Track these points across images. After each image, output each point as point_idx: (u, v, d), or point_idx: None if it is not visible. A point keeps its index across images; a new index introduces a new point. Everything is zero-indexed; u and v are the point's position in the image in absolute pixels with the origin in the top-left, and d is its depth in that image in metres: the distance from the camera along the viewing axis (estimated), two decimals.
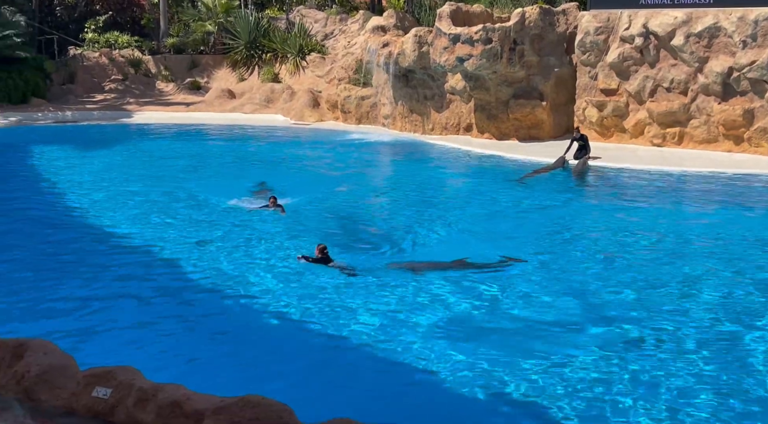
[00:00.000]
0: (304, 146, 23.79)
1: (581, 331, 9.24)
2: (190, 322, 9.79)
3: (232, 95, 31.50)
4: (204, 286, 10.99)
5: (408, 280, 10.97)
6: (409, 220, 14.82)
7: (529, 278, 11.13)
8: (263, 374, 8.13)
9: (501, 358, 8.36)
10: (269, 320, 9.78)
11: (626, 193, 16.97)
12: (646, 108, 21.16)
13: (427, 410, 7.50)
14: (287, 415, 4.46)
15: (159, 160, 21.80)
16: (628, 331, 9.13)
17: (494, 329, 9.29)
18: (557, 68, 22.50)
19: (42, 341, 5.42)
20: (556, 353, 8.52)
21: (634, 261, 11.96)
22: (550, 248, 12.67)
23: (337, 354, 8.81)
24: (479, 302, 10.21)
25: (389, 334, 9.18)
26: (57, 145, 24.01)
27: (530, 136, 22.72)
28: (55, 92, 33.20)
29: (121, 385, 4.81)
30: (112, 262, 12.17)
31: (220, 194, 16.43)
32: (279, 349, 8.93)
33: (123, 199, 16.70)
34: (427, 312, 9.85)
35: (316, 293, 10.57)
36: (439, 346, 8.76)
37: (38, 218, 15.26)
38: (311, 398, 7.34)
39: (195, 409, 4.55)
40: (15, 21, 31.94)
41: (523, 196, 16.60)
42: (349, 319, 9.66)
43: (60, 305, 10.29)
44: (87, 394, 4.84)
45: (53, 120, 29.40)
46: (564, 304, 10.07)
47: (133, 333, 9.30)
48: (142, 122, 28.59)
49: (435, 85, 24.31)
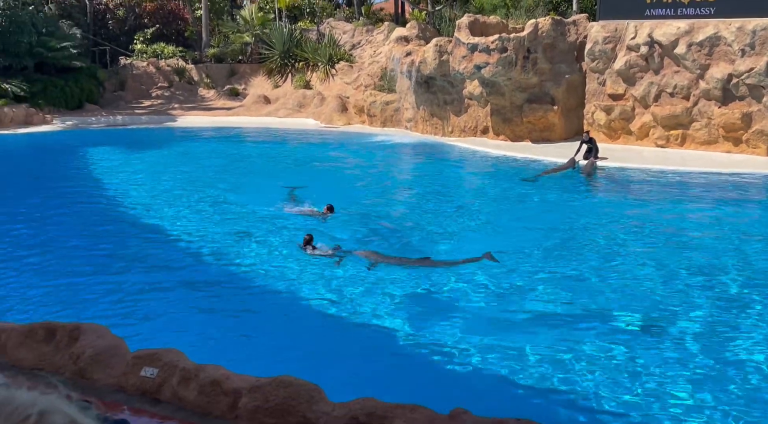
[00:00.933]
0: (333, 147, 23.82)
1: (598, 320, 9.17)
2: (230, 310, 9.85)
3: (267, 101, 31.64)
4: (243, 278, 11.04)
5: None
6: (431, 214, 14.77)
7: (538, 269, 11.07)
8: (296, 356, 8.16)
9: (509, 342, 8.33)
10: (302, 309, 9.81)
11: (632, 190, 16.82)
12: (650, 112, 20.93)
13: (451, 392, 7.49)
14: (317, 394, 4.48)
15: (201, 160, 21.95)
16: (636, 319, 9.05)
17: (503, 317, 9.25)
18: (568, 75, 22.32)
19: (95, 324, 5.50)
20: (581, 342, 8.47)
21: (636, 252, 11.86)
22: (559, 242, 12.58)
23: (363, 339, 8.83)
24: (482, 291, 10.18)
25: (415, 324, 9.18)
26: (108, 146, 24.28)
27: (542, 138, 22.58)
28: (107, 98, 33.58)
29: (166, 365, 4.87)
30: (159, 254, 12.27)
31: (259, 192, 16.49)
32: (310, 333, 8.97)
33: (168, 196, 16.84)
34: (465, 300, 9.84)
35: (350, 283, 10.58)
36: (459, 332, 8.74)
37: (91, 211, 15.44)
38: (339, 379, 7.36)
39: (233, 388, 4.60)
40: (72, 34, 32.40)
41: (536, 193, 16.52)
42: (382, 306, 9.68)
43: (106, 291, 10.39)
44: (135, 374, 4.90)
45: (105, 124, 29.72)
46: (573, 294, 10.01)
47: (177, 318, 9.39)
48: (186, 126, 28.79)
49: (454, 91, 24.23)
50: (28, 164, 22.25)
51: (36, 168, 21.32)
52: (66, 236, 13.39)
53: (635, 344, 8.33)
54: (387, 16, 37.01)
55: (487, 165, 20.53)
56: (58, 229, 13.94)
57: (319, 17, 35.18)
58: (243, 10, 36.14)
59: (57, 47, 30.52)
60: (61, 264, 11.67)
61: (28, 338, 5.28)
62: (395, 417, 4.27)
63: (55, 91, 30.59)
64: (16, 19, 29.53)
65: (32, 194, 17.24)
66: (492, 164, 20.43)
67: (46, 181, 19.14)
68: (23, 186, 18.40)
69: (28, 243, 12.84)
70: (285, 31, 32.35)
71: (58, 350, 5.25)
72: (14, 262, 11.77)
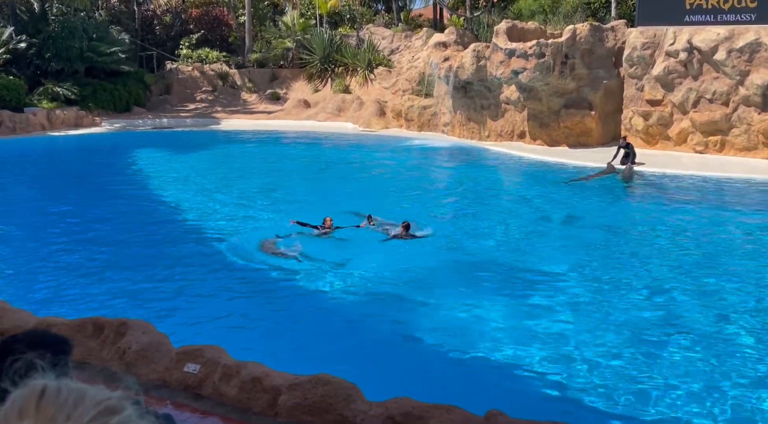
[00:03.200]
0: (371, 151, 23.84)
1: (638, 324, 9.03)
2: (270, 307, 9.92)
3: (307, 105, 31.81)
4: (283, 278, 11.10)
5: None
6: (466, 219, 14.68)
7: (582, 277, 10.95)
8: (334, 354, 8.18)
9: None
10: (342, 307, 9.84)
11: (670, 195, 16.53)
12: (689, 118, 20.55)
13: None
14: (354, 392, 4.49)
15: (244, 163, 22.17)
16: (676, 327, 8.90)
17: (545, 323, 9.15)
18: (606, 80, 22.04)
19: (141, 321, 5.58)
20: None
21: (672, 258, 11.65)
22: (600, 244, 12.43)
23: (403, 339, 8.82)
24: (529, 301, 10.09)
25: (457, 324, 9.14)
26: (154, 148, 24.66)
27: (579, 143, 22.32)
28: (154, 102, 34.11)
29: (209, 362, 4.92)
30: (203, 254, 12.41)
31: (304, 195, 16.59)
32: (350, 333, 8.99)
33: (212, 197, 17.04)
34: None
35: (389, 281, 10.57)
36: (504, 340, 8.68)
37: (138, 211, 15.69)
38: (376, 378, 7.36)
39: (273, 385, 4.63)
40: (121, 39, 33.00)
41: (574, 198, 16.33)
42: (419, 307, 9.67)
43: (152, 288, 10.54)
44: (179, 369, 4.97)
45: (151, 126, 30.19)
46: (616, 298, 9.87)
47: (220, 316, 9.48)
48: (229, 129, 29.09)
49: (491, 96, 24.09)
50: (77, 165, 22.71)
51: (85, 168, 21.74)
52: (113, 235, 13.62)
53: (688, 353, 8.14)
54: (425, 22, 36.95)
55: (523, 170, 20.35)
56: (105, 228, 14.19)
57: (358, 23, 35.28)
58: (285, 16, 36.39)
59: (106, 52, 31.13)
60: (109, 262, 11.87)
61: (77, 333, 5.39)
62: (431, 417, 4.26)
63: (104, 94, 31.19)
64: (68, 25, 30.20)
65: (81, 193, 17.59)
66: (528, 169, 20.24)
67: (94, 180, 19.51)
68: (73, 186, 18.78)
69: (77, 241, 13.10)
70: (325, 37, 32.53)
71: (105, 345, 5.35)
72: (63, 258, 12.03)
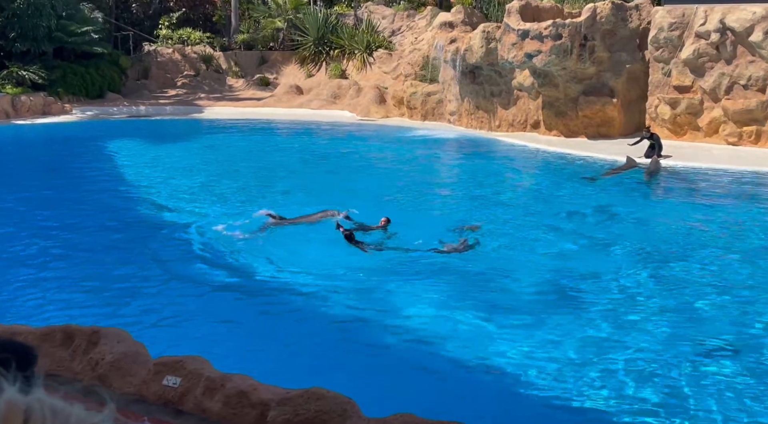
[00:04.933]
0: (371, 143, 23.81)
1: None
2: (260, 315, 9.92)
3: (299, 91, 31.81)
4: (274, 282, 11.10)
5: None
6: (478, 219, 14.64)
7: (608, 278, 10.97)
8: (328, 366, 8.19)
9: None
10: (334, 315, 9.85)
11: (700, 192, 16.51)
12: (721, 106, 20.56)
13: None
14: (351, 408, 4.50)
15: (228, 155, 22.16)
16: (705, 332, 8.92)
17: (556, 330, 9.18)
18: (629, 64, 22.04)
19: (116, 329, 5.60)
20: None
21: (704, 263, 11.66)
22: (625, 249, 12.44)
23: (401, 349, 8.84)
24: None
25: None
26: (131, 138, 24.62)
27: (600, 134, 22.32)
28: (130, 87, 34.09)
29: (190, 374, 4.93)
30: (183, 256, 12.40)
31: (291, 191, 16.57)
32: (343, 343, 9.00)
33: (193, 193, 17.04)
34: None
35: (378, 289, 10.60)
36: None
37: (111, 208, 15.67)
38: (374, 392, 7.38)
39: (261, 399, 4.64)
40: (93, 18, 32.94)
41: (595, 195, 16.31)
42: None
43: (127, 293, 10.54)
44: (157, 382, 4.98)
45: (127, 114, 30.16)
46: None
47: (202, 324, 9.48)
48: (213, 117, 29.07)
49: (502, 82, 24.09)
50: (45, 157, 22.70)
51: (53, 161, 21.73)
52: (84, 234, 13.62)
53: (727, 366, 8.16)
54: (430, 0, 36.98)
55: (538, 164, 20.33)
56: (74, 227, 14.18)
57: (356, 1, 35.29)
58: None
59: (77, 32, 31.08)
60: (79, 265, 11.87)
61: (45, 342, 5.40)
62: None
63: (75, 78, 31.15)
64: (34, 2, 30.07)
65: (49, 189, 17.59)
66: (544, 163, 20.23)
67: (63, 174, 19.51)
68: (39, 179, 18.78)
69: (43, 241, 13.09)
70: (319, 16, 32.52)
71: (76, 356, 5.36)
72: (28, 261, 12.02)
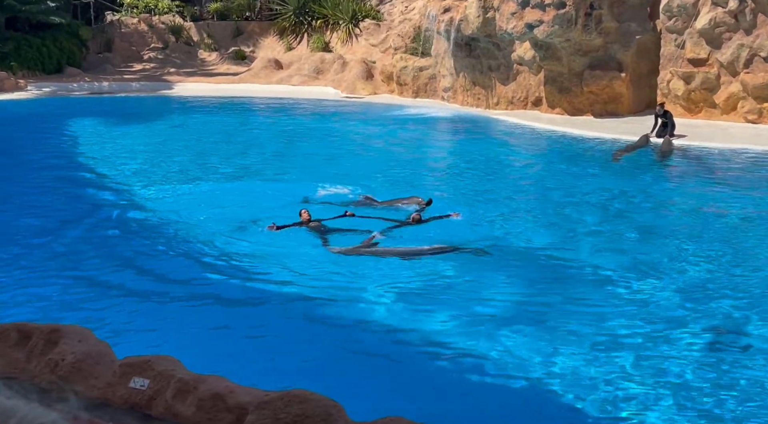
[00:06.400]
0: (357, 122, 23.74)
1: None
2: (236, 311, 9.89)
3: (279, 66, 31.69)
4: (249, 276, 11.07)
5: None
6: (477, 208, 14.61)
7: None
8: (309, 367, 8.19)
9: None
10: (313, 312, 9.83)
11: (716, 175, 16.55)
12: (740, 80, 20.60)
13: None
14: (337, 412, 4.48)
15: (201, 136, 22.06)
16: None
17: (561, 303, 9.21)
18: (639, 35, 22.04)
19: (77, 327, 5.55)
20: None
21: (720, 253, 11.72)
22: (639, 238, 12.49)
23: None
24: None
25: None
26: (93, 118, 24.47)
27: (607, 112, 22.36)
28: (91, 61, 33.87)
29: (159, 376, 4.89)
30: (150, 248, 12.34)
31: (271, 175, 16.52)
32: (321, 340, 8.99)
33: (162, 179, 16.99)
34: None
35: (357, 283, 10.59)
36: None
37: (71, 196, 15.59)
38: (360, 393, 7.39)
39: (238, 403, 4.61)
40: None
41: (598, 179, 16.34)
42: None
43: (89, 288, 10.47)
44: (123, 385, 4.94)
45: (89, 91, 29.99)
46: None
47: (173, 321, 9.45)
48: (184, 94, 28.98)
49: (501, 55, 24.06)
50: None
51: (5, 143, 21.54)
52: (41, 224, 13.52)
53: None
54: None
55: (540, 145, 20.34)
56: (31, 216, 14.09)
57: None
58: None
59: (32, 0, 30.83)
60: (36, 258, 11.79)
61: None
62: None
63: (30, 51, 30.92)
64: None
65: (1, 174, 17.46)
66: (547, 143, 20.25)
67: (17, 158, 19.37)
68: None
69: None
70: None
71: (33, 356, 5.31)
72: None
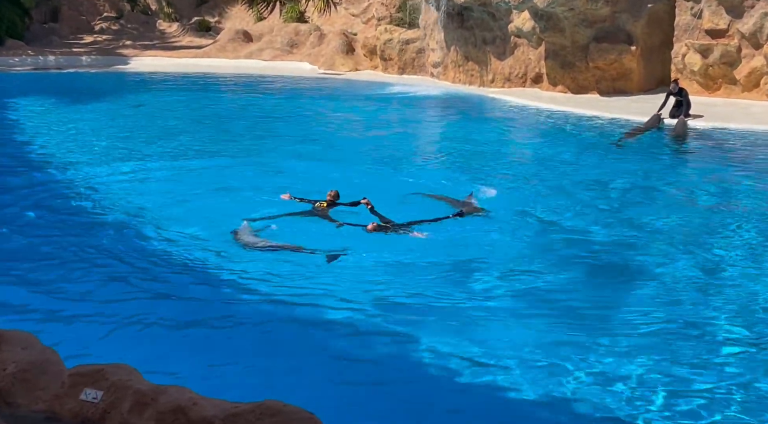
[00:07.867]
0: (336, 102, 23.72)
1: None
2: (200, 313, 9.86)
3: (248, 38, 31.62)
4: (214, 274, 11.06)
5: None
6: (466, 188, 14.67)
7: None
8: (284, 375, 8.18)
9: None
10: (286, 315, 9.82)
11: (735, 159, 16.68)
12: (763, 53, 20.72)
13: None
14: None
15: (160, 118, 22.01)
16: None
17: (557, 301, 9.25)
18: (651, 4, 22.13)
19: (21, 332, 5.50)
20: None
21: (739, 248, 11.81)
22: (655, 227, 12.57)
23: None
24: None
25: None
26: (37, 96, 24.39)
27: (615, 89, 22.45)
28: (35, 32, 33.68)
29: (114, 386, 4.86)
30: (105, 241, 12.28)
31: (235, 163, 16.52)
32: (299, 348, 8.98)
33: (117, 165, 16.94)
34: None
35: (353, 285, 10.60)
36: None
37: (13, 185, 15.48)
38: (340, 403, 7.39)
39: (203, 416, 4.59)
40: None
41: (606, 163, 16.42)
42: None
43: (34, 288, 10.41)
44: (74, 397, 4.91)
45: (32, 66, 29.89)
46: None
47: (129, 325, 9.40)
48: (142, 70, 29.00)
49: (496, 26, 24.09)
50: None
51: None
52: None
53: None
54: None
55: (541, 127, 20.40)
56: None
57: None
58: None
59: None
60: None
61: None
62: None
63: None
64: None
65: None
66: (548, 125, 20.30)
67: None
68: None
69: None
70: None
71: None
72: None
